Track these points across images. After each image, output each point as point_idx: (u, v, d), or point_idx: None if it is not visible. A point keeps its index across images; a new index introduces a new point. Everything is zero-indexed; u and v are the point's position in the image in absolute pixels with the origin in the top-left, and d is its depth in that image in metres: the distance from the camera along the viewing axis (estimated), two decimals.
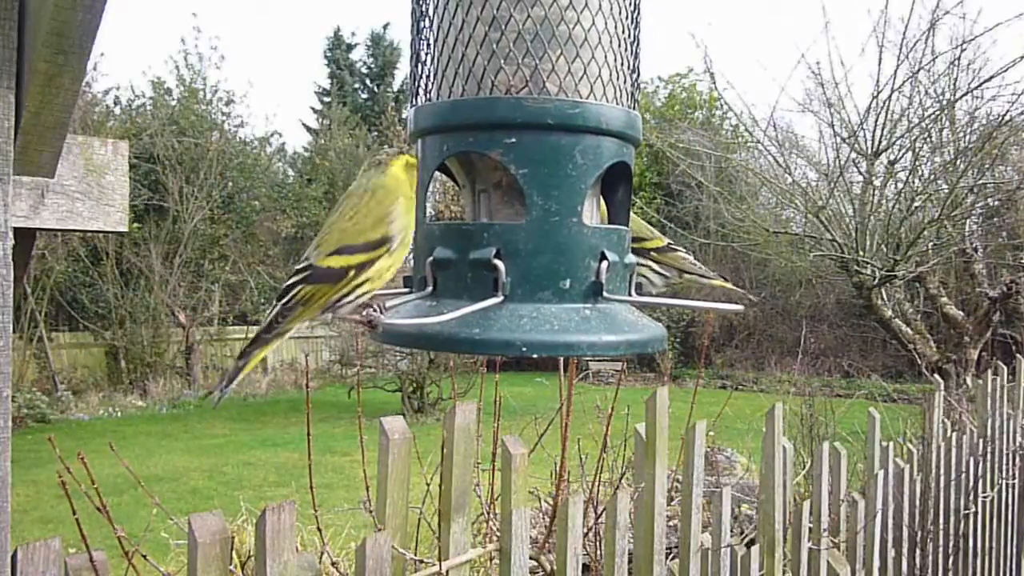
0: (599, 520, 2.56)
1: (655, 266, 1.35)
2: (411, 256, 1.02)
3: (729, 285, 1.50)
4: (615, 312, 0.95)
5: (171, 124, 17.09)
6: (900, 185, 8.67)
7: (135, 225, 15.57)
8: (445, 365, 11.92)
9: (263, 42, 52.40)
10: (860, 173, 8.83)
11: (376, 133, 22.79)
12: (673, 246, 1.38)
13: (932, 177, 8.75)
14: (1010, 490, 4.03)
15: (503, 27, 0.90)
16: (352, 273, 0.95)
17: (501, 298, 0.88)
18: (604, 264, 0.93)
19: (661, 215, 15.99)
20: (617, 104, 0.95)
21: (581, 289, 0.92)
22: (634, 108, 0.99)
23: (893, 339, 9.14)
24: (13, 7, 1.02)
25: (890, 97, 8.14)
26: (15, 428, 9.55)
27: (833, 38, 18.19)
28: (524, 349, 0.85)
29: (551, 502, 2.52)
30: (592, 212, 0.98)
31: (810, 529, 2.56)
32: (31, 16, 1.00)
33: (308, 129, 26.63)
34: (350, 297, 0.95)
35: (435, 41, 0.96)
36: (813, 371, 13.89)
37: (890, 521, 2.98)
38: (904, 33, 8.13)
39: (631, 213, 1.08)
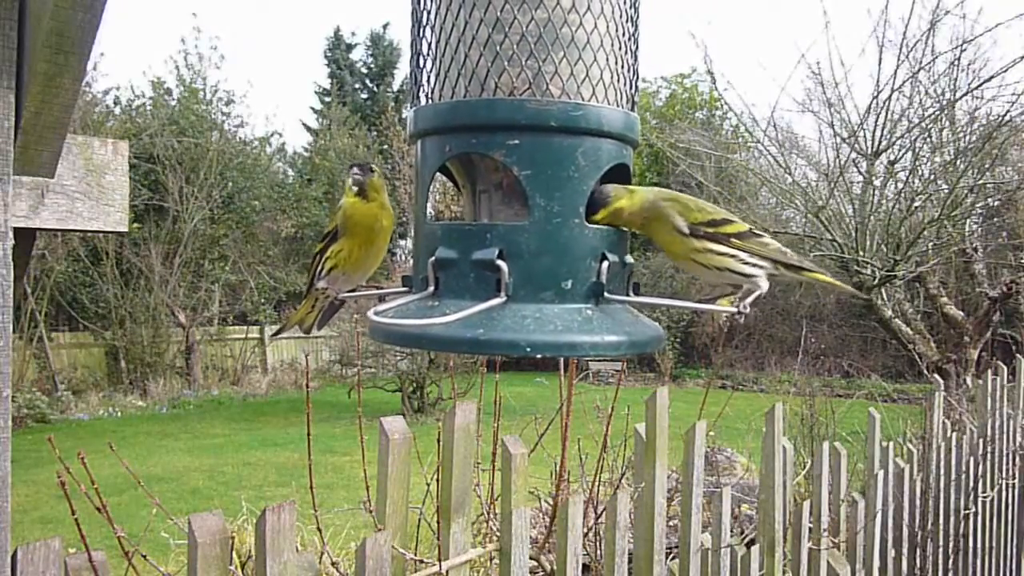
0: (599, 520, 2.56)
1: (745, 256, 1.06)
2: (410, 255, 1.04)
3: (831, 280, 1.22)
4: (616, 312, 0.95)
5: (171, 124, 17.08)
6: (900, 185, 8.66)
7: (135, 225, 15.56)
8: (445, 365, 11.92)
9: (263, 42, 52.48)
10: (860, 173, 8.82)
11: (376, 133, 22.80)
12: (756, 231, 1.10)
13: (932, 177, 8.74)
14: (1010, 490, 4.03)
15: (506, 29, 0.90)
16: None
17: (504, 298, 0.89)
18: (605, 264, 0.93)
19: None
20: (617, 106, 0.96)
21: (583, 289, 0.92)
22: (632, 110, 0.99)
23: (893, 339, 9.13)
24: (13, 7, 1.02)
25: (890, 97, 8.13)
26: (15, 428, 9.55)
27: (833, 38, 18.18)
28: (528, 349, 0.86)
29: (551, 502, 2.52)
30: None
31: (810, 529, 2.56)
32: (31, 16, 1.00)
33: (308, 129, 26.64)
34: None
35: (437, 42, 0.96)
36: (813, 371, 13.87)
37: (890, 521, 2.98)
38: (904, 33, 8.13)
39: (669, 190, 1.08)
